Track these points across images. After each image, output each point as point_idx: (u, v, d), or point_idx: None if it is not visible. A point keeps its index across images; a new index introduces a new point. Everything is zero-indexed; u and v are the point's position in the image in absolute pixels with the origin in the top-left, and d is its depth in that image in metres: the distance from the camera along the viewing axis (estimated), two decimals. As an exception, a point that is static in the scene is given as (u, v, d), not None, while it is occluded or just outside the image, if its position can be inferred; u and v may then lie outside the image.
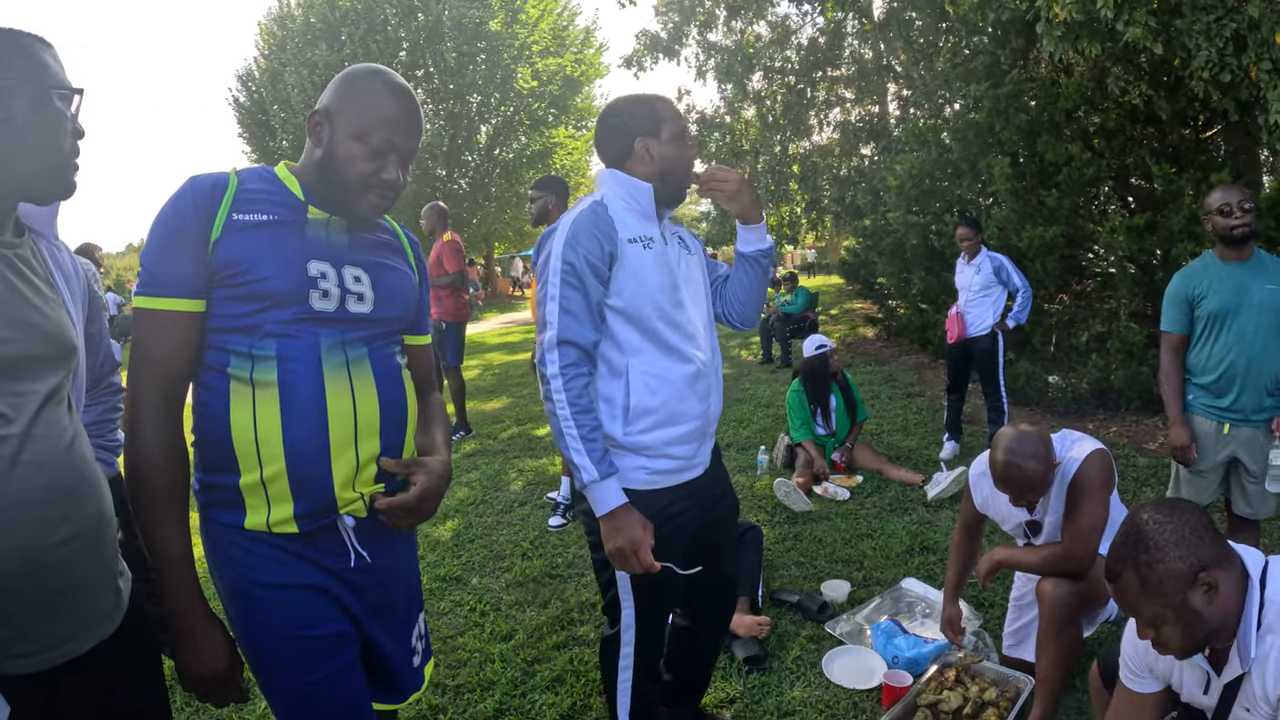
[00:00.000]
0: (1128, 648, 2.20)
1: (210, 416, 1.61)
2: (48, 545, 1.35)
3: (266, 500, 1.61)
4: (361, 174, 1.66)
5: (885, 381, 9.76)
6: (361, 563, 1.74)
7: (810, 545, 4.75)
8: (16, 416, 1.33)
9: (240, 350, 1.59)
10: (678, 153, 2.34)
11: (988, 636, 3.46)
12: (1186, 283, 3.56)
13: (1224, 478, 3.59)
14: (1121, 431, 6.82)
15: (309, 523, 1.64)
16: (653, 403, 2.24)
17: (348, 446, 1.66)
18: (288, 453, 1.60)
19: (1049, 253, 7.70)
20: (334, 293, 1.66)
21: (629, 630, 2.39)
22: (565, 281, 2.18)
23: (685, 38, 16.56)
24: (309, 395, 1.61)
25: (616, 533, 2.15)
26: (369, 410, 1.69)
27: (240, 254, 1.57)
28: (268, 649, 1.66)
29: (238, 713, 3.31)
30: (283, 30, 27.00)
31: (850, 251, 13.64)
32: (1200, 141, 8.33)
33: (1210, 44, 5.47)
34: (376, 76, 1.70)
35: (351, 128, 1.65)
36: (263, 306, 1.59)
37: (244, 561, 1.63)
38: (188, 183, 1.61)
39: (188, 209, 1.57)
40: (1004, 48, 8.73)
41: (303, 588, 1.66)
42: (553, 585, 4.40)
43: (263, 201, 1.65)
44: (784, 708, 3.14)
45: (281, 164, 1.75)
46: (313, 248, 1.67)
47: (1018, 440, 2.79)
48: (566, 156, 29.57)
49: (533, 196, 5.25)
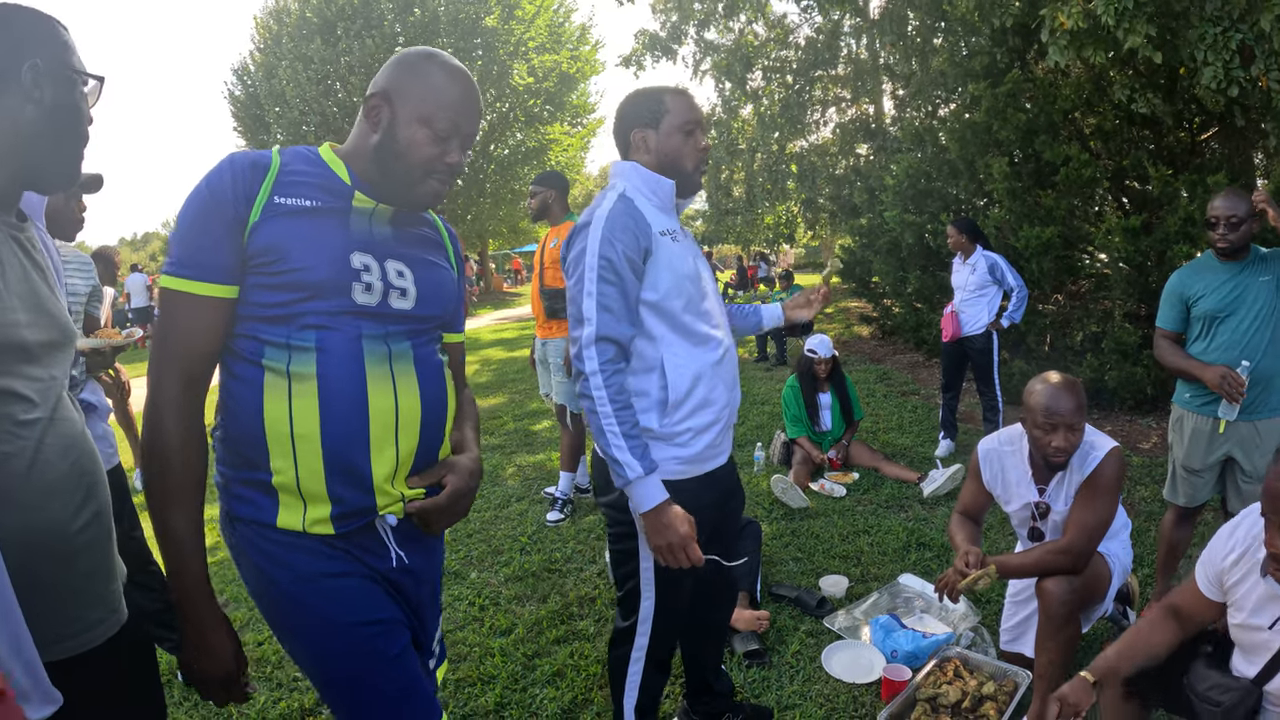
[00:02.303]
0: (1212, 554, 2.24)
1: (241, 409, 1.53)
2: (74, 529, 1.37)
3: (301, 499, 1.55)
4: (426, 159, 1.61)
5: (880, 380, 9.79)
6: (401, 564, 1.69)
7: (808, 541, 4.77)
8: (42, 401, 1.34)
9: (276, 340, 1.52)
10: (675, 146, 2.32)
11: (985, 632, 3.48)
12: (1183, 282, 3.58)
13: (1219, 477, 3.61)
14: (1115, 431, 6.84)
15: (346, 523, 1.59)
16: (688, 391, 2.26)
17: (388, 444, 1.60)
18: (325, 449, 1.53)
19: (1045, 253, 7.72)
20: (377, 286, 1.60)
21: (646, 623, 2.41)
22: (603, 278, 2.16)
23: (683, 36, 16.56)
24: (350, 390, 1.55)
25: (665, 529, 2.14)
26: (410, 407, 1.63)
27: (279, 241, 1.51)
28: (326, 640, 1.59)
29: (236, 708, 3.32)
30: (278, 25, 26.89)
31: (846, 250, 13.65)
32: (1196, 144, 8.36)
33: (1217, 57, 5.47)
34: (434, 59, 1.64)
35: (415, 112, 1.59)
36: (302, 297, 1.52)
37: (285, 557, 1.56)
38: (226, 160, 1.53)
39: (225, 188, 1.50)
40: (1001, 47, 8.74)
41: (354, 575, 1.60)
42: (552, 580, 4.41)
43: (306, 185, 1.57)
44: (784, 702, 3.16)
45: (326, 145, 1.67)
46: (356, 239, 1.61)
47: (1060, 375, 2.86)
48: (562, 153, 29.52)
49: (533, 191, 5.25)
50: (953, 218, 8.53)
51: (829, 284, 2.45)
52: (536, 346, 5.56)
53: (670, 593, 2.39)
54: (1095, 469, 2.86)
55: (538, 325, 5.48)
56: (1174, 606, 2.36)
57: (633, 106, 2.35)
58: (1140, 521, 4.73)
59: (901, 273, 10.57)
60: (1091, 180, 7.72)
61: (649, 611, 2.39)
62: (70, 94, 1.39)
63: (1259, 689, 2.12)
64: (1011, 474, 3.07)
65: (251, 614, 4.18)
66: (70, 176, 1.44)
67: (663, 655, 2.51)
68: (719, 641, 2.90)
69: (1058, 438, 2.79)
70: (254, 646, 3.81)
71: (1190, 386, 3.59)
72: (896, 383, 9.65)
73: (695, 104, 2.35)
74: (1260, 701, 2.13)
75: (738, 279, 25.93)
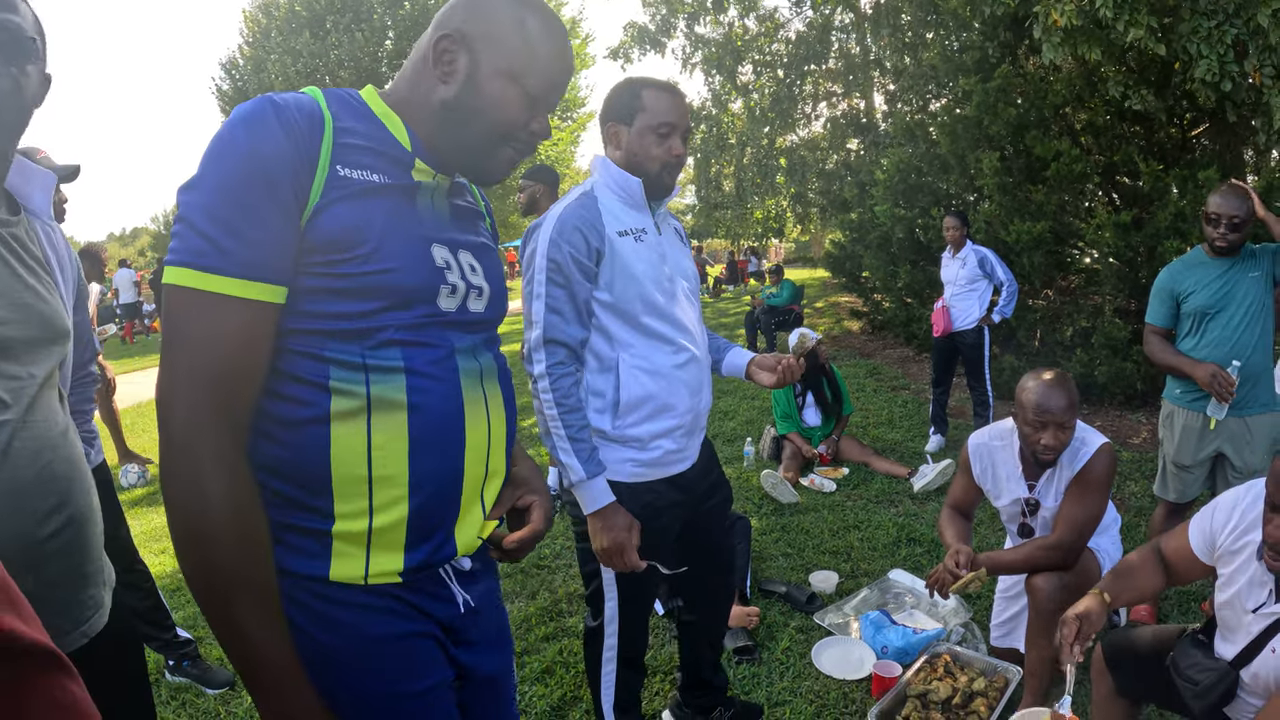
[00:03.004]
0: (1212, 519, 2.26)
1: (296, 440, 1.17)
2: (42, 536, 1.32)
3: (367, 549, 1.21)
4: (510, 121, 1.29)
5: (870, 375, 9.79)
6: (468, 608, 1.38)
7: (798, 537, 4.76)
8: (14, 402, 1.29)
9: (349, 360, 1.17)
10: (644, 147, 2.23)
11: (976, 628, 3.48)
12: (1173, 278, 3.57)
13: (1210, 472, 3.61)
14: (1105, 426, 6.85)
15: (418, 574, 1.27)
16: (643, 395, 2.23)
17: (478, 481, 1.33)
18: (414, 495, 1.22)
19: (1036, 248, 7.73)
20: (460, 287, 1.29)
21: (612, 623, 2.41)
22: (550, 279, 2.15)
23: (673, 30, 16.53)
24: (447, 421, 1.26)
25: (603, 531, 2.15)
26: (499, 437, 1.36)
27: (355, 230, 1.15)
28: (365, 710, 1.25)
29: (224, 706, 3.30)
30: (267, 18, 26.81)
31: (836, 245, 13.65)
32: (1187, 140, 8.38)
33: (1211, 51, 5.47)
34: (528, 4, 1.30)
35: (504, 62, 1.26)
36: (385, 305, 1.18)
37: (326, 615, 1.20)
38: (267, 105, 1.12)
39: (280, 149, 1.10)
40: (992, 41, 8.74)
41: (409, 636, 1.27)
42: (540, 576, 4.39)
43: (368, 151, 1.21)
44: (774, 698, 3.15)
45: (370, 89, 1.31)
46: (429, 226, 1.28)
47: (1054, 371, 2.85)
48: (551, 147, 29.46)
49: (521, 186, 5.23)
50: (944, 212, 8.53)
51: (800, 359, 2.41)
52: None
53: (632, 594, 2.39)
54: (1085, 465, 2.85)
55: (527, 320, 5.44)
56: (1165, 557, 2.39)
57: (613, 98, 2.28)
58: (1130, 517, 4.74)
59: (892, 267, 10.57)
60: (1082, 175, 7.73)
61: (613, 612, 2.39)
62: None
63: (1235, 671, 2.14)
64: (1002, 469, 3.06)
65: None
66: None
67: (633, 654, 2.51)
68: (717, 640, 2.90)
69: (1047, 435, 2.79)
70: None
71: (1180, 382, 3.59)
72: (886, 377, 9.65)
73: (677, 104, 2.23)
74: (1236, 685, 2.15)
75: (728, 273, 25.96)
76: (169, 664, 3.44)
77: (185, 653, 3.45)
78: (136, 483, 6.85)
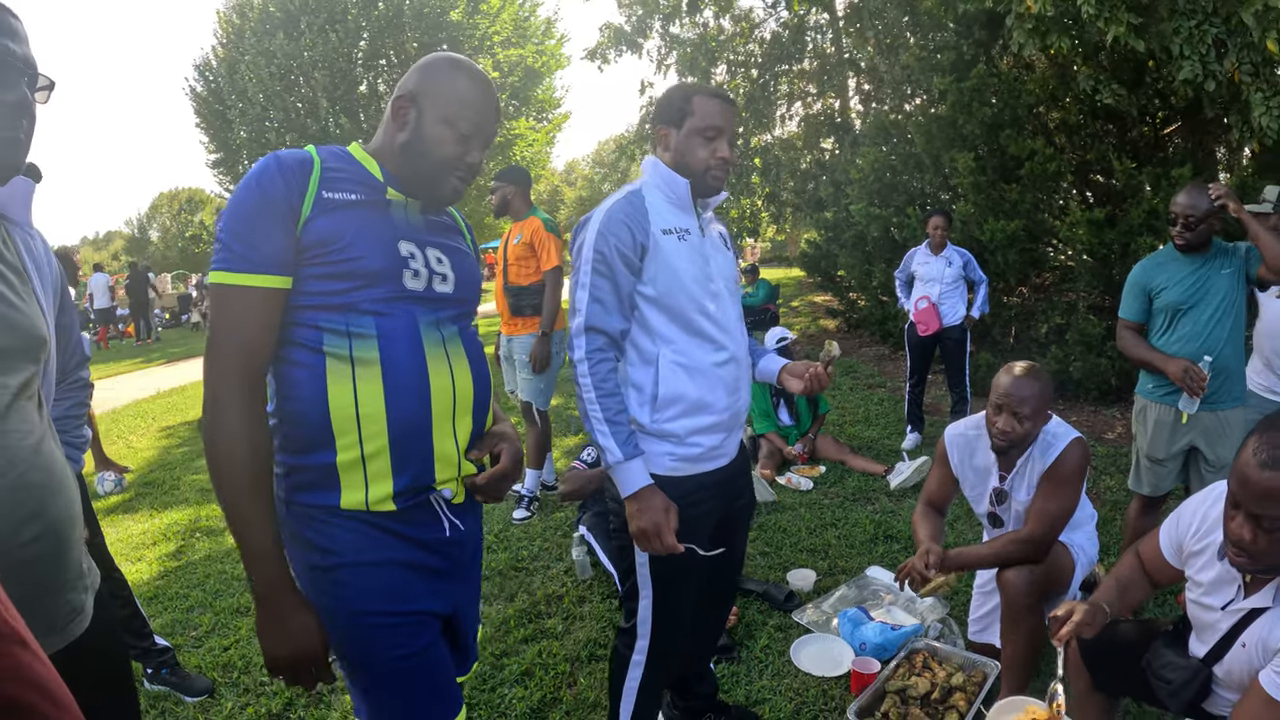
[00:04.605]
0: (1179, 523, 2.29)
1: (302, 394, 1.60)
2: (15, 545, 1.30)
3: (365, 478, 1.61)
4: (449, 157, 1.70)
5: (846, 373, 9.81)
6: (456, 531, 1.77)
7: (775, 535, 4.76)
8: None
9: (335, 328, 1.60)
10: (691, 149, 2.32)
11: (953, 623, 3.49)
12: (1146, 274, 3.60)
13: (1183, 466, 3.64)
14: (1080, 422, 6.91)
15: (407, 499, 1.66)
16: (681, 391, 2.27)
17: (446, 422, 1.70)
18: (391, 428, 1.62)
19: (1010, 246, 7.79)
20: (423, 273, 1.70)
21: (645, 624, 2.39)
22: (595, 270, 2.23)
23: (649, 30, 16.55)
24: (412, 371, 1.64)
25: (640, 513, 2.17)
26: (465, 387, 1.73)
27: (335, 232, 1.59)
28: (359, 626, 1.64)
29: (204, 714, 3.26)
30: (241, 19, 26.57)
31: (811, 244, 13.69)
32: (1160, 138, 8.46)
33: (1194, 51, 5.52)
34: (460, 66, 1.75)
35: (440, 112, 1.69)
36: (358, 285, 1.60)
37: (337, 540, 1.62)
38: (272, 159, 1.61)
39: (277, 184, 1.57)
40: (967, 40, 8.79)
41: (399, 564, 1.66)
42: (518, 578, 4.37)
43: (347, 180, 1.66)
44: (754, 696, 3.14)
45: (354, 144, 1.76)
46: (399, 228, 1.70)
47: (1032, 365, 2.89)
48: (527, 148, 29.31)
49: (493, 188, 5.23)
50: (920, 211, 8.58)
51: (828, 367, 2.45)
52: (501, 343, 5.51)
53: (669, 591, 2.37)
54: (1057, 459, 2.87)
55: (502, 322, 5.43)
56: (1143, 564, 2.42)
57: (664, 102, 2.38)
58: (1106, 511, 4.78)
59: (867, 266, 10.62)
60: (1056, 174, 7.80)
61: (647, 611, 2.38)
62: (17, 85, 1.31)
63: (1208, 669, 2.16)
64: (979, 458, 3.09)
65: (217, 619, 4.10)
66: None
67: (663, 664, 2.46)
68: (711, 641, 2.89)
69: (1002, 420, 2.83)
70: (220, 652, 3.73)
71: (1153, 377, 3.62)
72: (862, 375, 9.68)
73: (725, 110, 2.34)
74: (1210, 682, 2.17)
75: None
76: (147, 672, 3.40)
77: (163, 661, 3.41)
78: (113, 490, 6.75)
